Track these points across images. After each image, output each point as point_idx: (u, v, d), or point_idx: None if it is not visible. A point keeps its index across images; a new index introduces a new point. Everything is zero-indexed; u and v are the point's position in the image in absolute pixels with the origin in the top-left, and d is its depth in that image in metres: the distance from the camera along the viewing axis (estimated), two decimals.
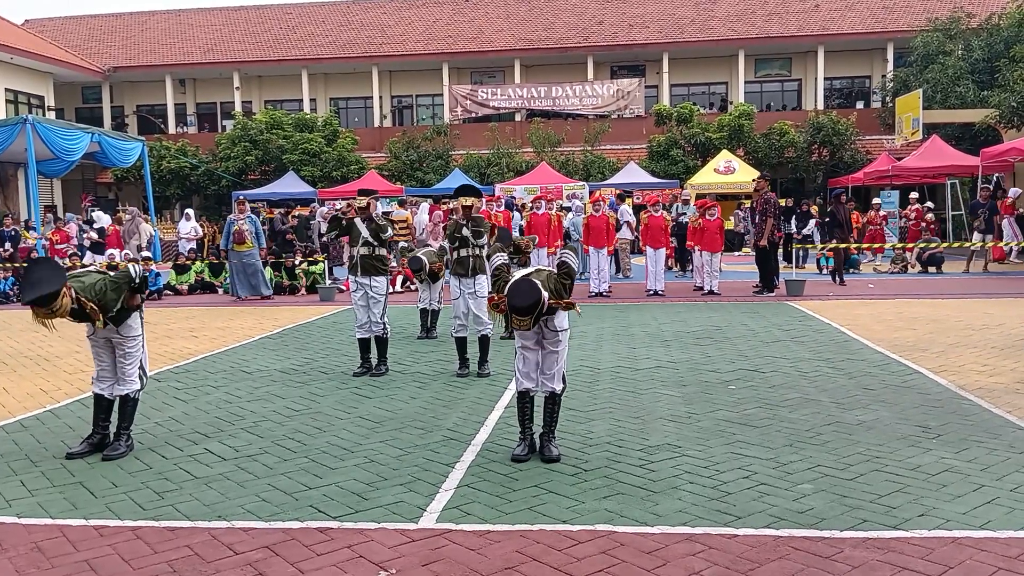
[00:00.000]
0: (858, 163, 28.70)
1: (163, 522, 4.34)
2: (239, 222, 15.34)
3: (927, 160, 23.07)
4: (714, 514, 4.25)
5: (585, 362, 8.42)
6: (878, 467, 4.93)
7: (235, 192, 26.58)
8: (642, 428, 5.89)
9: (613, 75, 36.08)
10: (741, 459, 5.13)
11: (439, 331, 10.36)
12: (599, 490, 4.64)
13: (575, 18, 36.78)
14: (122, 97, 37.61)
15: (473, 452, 5.40)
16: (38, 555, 3.98)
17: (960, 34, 28.48)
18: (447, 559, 3.82)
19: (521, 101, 34.39)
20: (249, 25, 38.49)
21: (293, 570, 3.74)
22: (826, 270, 19.54)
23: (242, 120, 31.79)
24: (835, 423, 5.92)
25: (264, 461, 5.33)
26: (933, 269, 18.67)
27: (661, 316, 11.86)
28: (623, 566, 3.70)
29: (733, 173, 26.15)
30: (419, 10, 38.44)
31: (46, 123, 20.77)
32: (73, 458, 5.42)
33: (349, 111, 37.39)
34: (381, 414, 6.52)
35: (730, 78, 35.75)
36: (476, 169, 29.98)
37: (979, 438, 5.48)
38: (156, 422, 6.42)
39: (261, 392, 7.43)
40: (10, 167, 26.11)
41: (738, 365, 8.11)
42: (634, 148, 31.85)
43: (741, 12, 35.51)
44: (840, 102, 35.23)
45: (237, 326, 11.87)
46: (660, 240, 14.71)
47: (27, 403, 7.21)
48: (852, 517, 4.18)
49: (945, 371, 7.62)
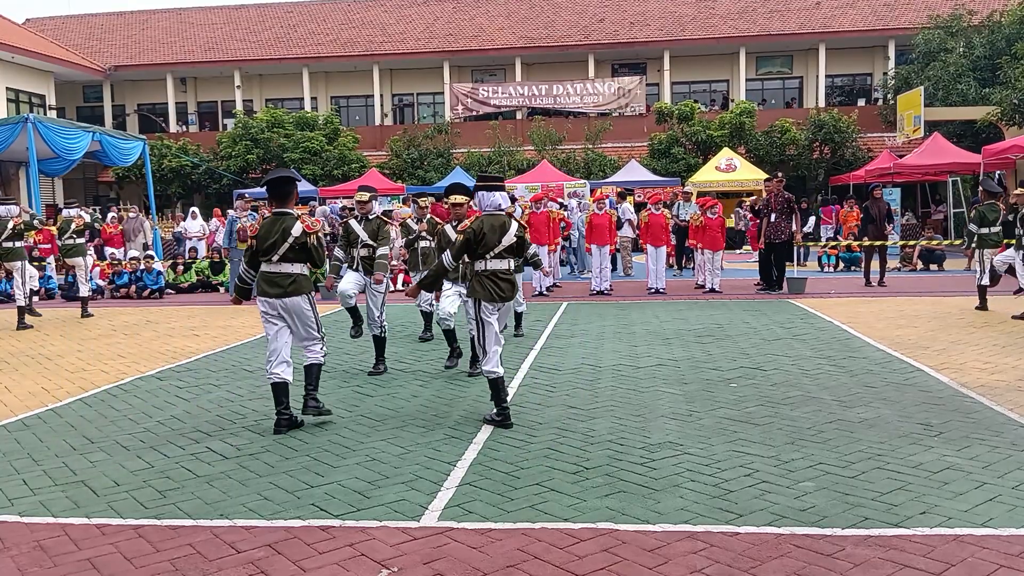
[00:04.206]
0: (859, 161, 28.66)
1: (165, 520, 4.34)
2: (242, 220, 15.34)
3: (928, 158, 23.03)
4: (716, 512, 4.25)
5: (587, 360, 8.43)
6: (880, 465, 4.92)
7: (236, 190, 26.58)
8: (643, 426, 5.89)
9: (614, 73, 36.05)
10: (743, 457, 5.12)
11: (435, 332, 10.36)
12: (600, 488, 4.64)
13: (576, 16, 36.75)
14: (123, 96, 37.62)
15: (475, 450, 5.40)
16: (40, 554, 3.98)
17: (962, 31, 28.43)
18: (449, 557, 3.82)
19: (522, 99, 34.37)
20: (250, 24, 38.48)
21: (295, 568, 3.75)
22: (828, 268, 19.55)
23: (243, 119, 31.78)
24: (837, 421, 5.92)
25: (266, 459, 5.34)
26: (935, 267, 18.65)
27: (662, 314, 11.86)
28: (625, 564, 3.70)
29: (734, 171, 26.13)
30: (420, 8, 38.42)
31: (47, 122, 20.78)
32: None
33: (350, 109, 37.38)
34: (383, 412, 6.52)
35: (731, 76, 35.72)
36: (477, 167, 29.94)
37: (981, 436, 5.47)
38: (158, 420, 6.42)
39: (263, 391, 7.42)
40: (11, 166, 26.14)
41: (739, 363, 8.11)
42: (635, 146, 31.84)
43: (742, 9, 35.47)
44: (841, 100, 35.19)
45: (238, 325, 11.87)
46: (661, 238, 14.71)
47: (29, 402, 7.22)
48: (854, 515, 4.18)
49: (947, 368, 7.61)
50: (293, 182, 6.26)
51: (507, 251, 6.12)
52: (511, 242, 6.11)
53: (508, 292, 6.14)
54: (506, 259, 6.14)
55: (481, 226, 6.05)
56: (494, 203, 6.15)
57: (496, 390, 6.01)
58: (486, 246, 6.05)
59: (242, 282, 6.47)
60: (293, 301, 5.98)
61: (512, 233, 6.11)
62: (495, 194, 6.17)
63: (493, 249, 6.06)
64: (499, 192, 6.22)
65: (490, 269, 6.08)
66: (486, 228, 6.04)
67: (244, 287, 6.50)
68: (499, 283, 6.09)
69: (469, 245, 6.09)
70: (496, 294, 6.07)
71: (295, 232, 5.94)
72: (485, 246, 6.05)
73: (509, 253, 6.15)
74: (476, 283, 6.12)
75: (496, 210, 6.16)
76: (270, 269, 6.00)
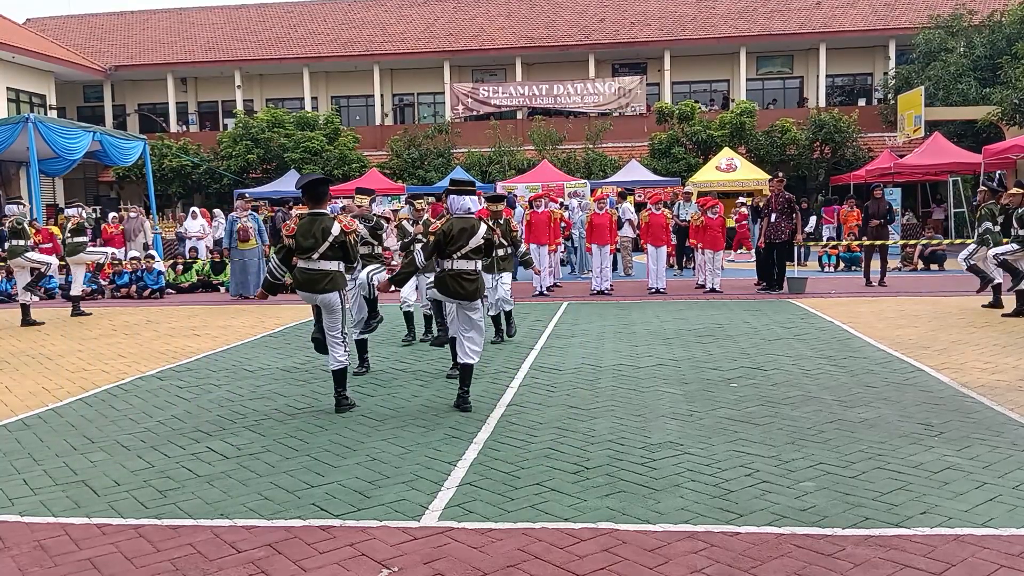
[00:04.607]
0: (860, 160, 28.64)
1: (165, 520, 4.34)
2: (242, 220, 15.34)
3: (929, 157, 23.03)
4: (716, 512, 4.25)
5: (587, 360, 8.43)
6: (880, 465, 4.92)
7: (237, 190, 26.58)
8: (644, 426, 5.89)
9: (614, 73, 36.03)
10: (743, 457, 5.12)
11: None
12: (601, 488, 4.64)
13: (576, 16, 36.74)
14: (123, 96, 37.61)
15: (475, 450, 5.41)
16: (41, 553, 3.98)
17: (962, 31, 28.42)
18: (449, 557, 3.82)
19: (522, 99, 34.36)
20: (250, 24, 38.48)
21: (295, 568, 3.75)
22: (829, 268, 19.55)
23: (243, 118, 31.77)
24: (837, 421, 5.92)
25: (266, 459, 5.34)
26: (935, 266, 18.64)
27: (663, 314, 11.86)
28: (625, 564, 3.70)
29: (735, 171, 26.12)
30: (420, 8, 38.42)
31: (48, 122, 20.75)
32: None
33: (350, 109, 37.37)
34: (383, 412, 6.52)
35: (732, 75, 35.69)
36: (478, 167, 29.96)
37: (981, 436, 5.47)
38: (158, 420, 6.43)
39: (263, 390, 7.44)
40: (12, 166, 26.13)
41: (740, 363, 8.11)
42: (635, 146, 31.82)
43: (742, 9, 35.45)
44: (842, 99, 35.19)
45: (239, 324, 11.88)
46: (661, 238, 14.70)
47: (29, 401, 7.22)
48: (854, 515, 4.18)
49: (947, 368, 7.61)
50: (327, 183, 6.79)
51: (474, 252, 6.52)
52: (478, 244, 6.50)
53: (471, 291, 6.52)
54: (472, 260, 6.54)
55: (451, 227, 6.47)
56: (464, 206, 6.57)
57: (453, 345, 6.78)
58: (454, 246, 6.45)
59: (273, 277, 6.85)
60: (326, 297, 6.46)
61: (480, 235, 6.50)
62: (465, 198, 6.59)
63: (461, 250, 6.45)
64: (469, 196, 6.63)
65: (456, 269, 6.49)
66: (455, 230, 6.46)
67: (275, 282, 6.93)
68: (462, 282, 6.49)
69: (439, 245, 6.49)
70: (458, 292, 6.49)
71: (335, 232, 6.40)
72: (453, 246, 6.45)
73: (476, 254, 6.54)
74: (441, 280, 6.57)
75: (466, 213, 6.57)
76: (309, 266, 6.43)
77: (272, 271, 6.79)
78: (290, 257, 6.61)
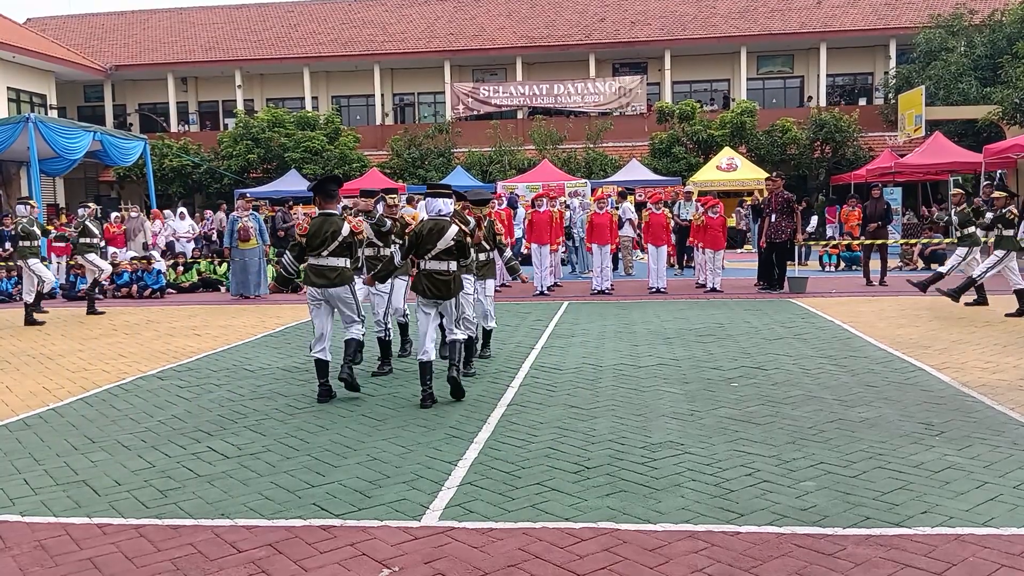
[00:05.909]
0: (860, 160, 28.63)
1: (166, 520, 4.34)
2: (243, 219, 15.34)
3: (930, 157, 23.01)
4: (717, 511, 4.25)
5: (587, 360, 8.43)
6: (881, 464, 4.92)
7: (237, 190, 26.57)
8: (644, 426, 5.89)
9: (615, 72, 36.01)
10: (744, 456, 5.12)
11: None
12: (601, 488, 4.64)
13: (577, 15, 36.72)
14: (124, 96, 37.61)
15: (475, 450, 5.41)
16: (41, 553, 3.98)
17: (963, 30, 28.40)
18: (450, 557, 3.82)
19: (523, 99, 34.35)
20: (251, 23, 38.46)
21: (296, 568, 3.75)
22: (829, 267, 19.54)
23: (244, 118, 31.75)
24: (838, 420, 5.91)
25: (267, 459, 5.34)
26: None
27: (663, 313, 11.85)
28: (626, 564, 3.70)
29: (735, 170, 26.11)
30: (420, 8, 38.41)
31: (48, 122, 20.75)
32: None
33: (351, 109, 37.35)
34: (383, 412, 6.52)
35: (732, 75, 35.67)
36: (478, 167, 29.96)
37: (982, 435, 5.47)
38: (159, 420, 6.43)
39: (264, 390, 7.44)
40: (12, 166, 26.12)
41: (740, 362, 8.11)
42: (636, 145, 31.80)
43: (743, 9, 35.43)
44: (843, 99, 35.17)
45: (239, 324, 11.88)
46: (662, 238, 14.70)
47: (30, 401, 7.23)
48: (855, 514, 4.18)
49: (948, 368, 7.61)
50: (338, 182, 7.28)
51: (445, 253, 6.65)
52: (448, 245, 6.63)
53: (443, 292, 6.70)
54: (444, 261, 6.67)
55: (422, 229, 6.70)
56: (436, 208, 6.74)
57: (422, 373, 6.68)
58: (425, 248, 6.63)
59: (286, 272, 7.25)
60: (336, 291, 6.87)
61: (449, 237, 6.62)
62: (438, 200, 6.77)
63: (431, 251, 6.62)
64: (444, 199, 6.81)
65: (428, 269, 6.68)
66: (425, 231, 6.66)
67: (287, 277, 7.33)
68: (435, 282, 6.68)
69: (412, 246, 6.75)
70: (430, 291, 6.68)
71: (344, 232, 6.82)
72: (424, 247, 6.64)
73: (447, 255, 6.67)
74: (415, 280, 6.82)
75: (439, 215, 6.72)
76: (318, 262, 6.85)
77: (286, 266, 7.19)
78: (303, 254, 6.99)
